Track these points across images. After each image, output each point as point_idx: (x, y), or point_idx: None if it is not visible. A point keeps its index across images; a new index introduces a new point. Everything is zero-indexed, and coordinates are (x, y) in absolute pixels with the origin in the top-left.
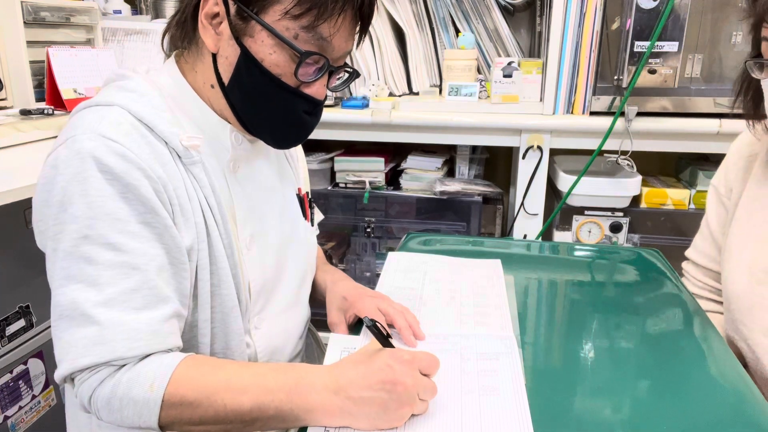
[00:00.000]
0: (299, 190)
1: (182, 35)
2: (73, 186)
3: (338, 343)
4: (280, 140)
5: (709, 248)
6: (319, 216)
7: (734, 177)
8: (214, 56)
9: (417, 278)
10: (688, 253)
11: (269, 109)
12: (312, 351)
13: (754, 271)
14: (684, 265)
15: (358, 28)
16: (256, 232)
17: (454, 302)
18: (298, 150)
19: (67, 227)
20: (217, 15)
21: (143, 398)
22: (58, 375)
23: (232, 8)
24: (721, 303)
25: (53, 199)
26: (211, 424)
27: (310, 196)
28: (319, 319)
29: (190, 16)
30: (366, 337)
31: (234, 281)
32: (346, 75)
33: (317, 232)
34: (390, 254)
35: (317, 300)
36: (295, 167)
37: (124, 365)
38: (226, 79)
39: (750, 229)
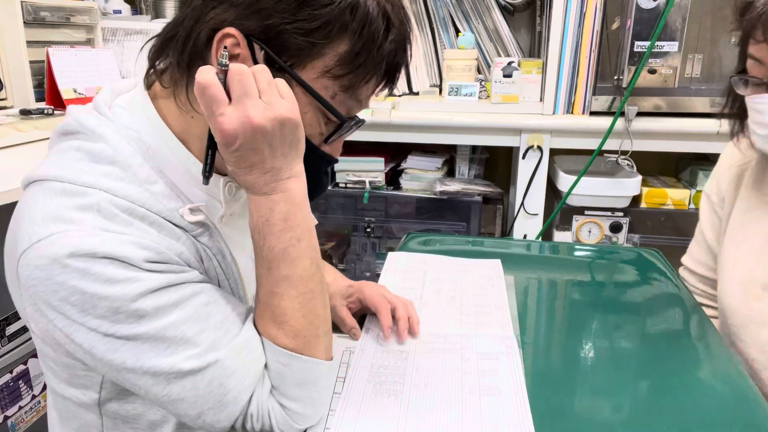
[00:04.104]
0: None
1: (182, 78)
2: (91, 287)
3: (340, 344)
4: None
5: (705, 256)
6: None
7: (726, 187)
8: None
9: (417, 278)
10: (684, 260)
11: None
12: None
13: (749, 286)
14: (680, 271)
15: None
16: None
17: (455, 302)
18: None
19: (95, 320)
20: (236, 57)
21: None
22: (221, 428)
23: (260, 55)
24: (717, 309)
25: (71, 298)
26: (317, 292)
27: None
28: None
29: (199, 54)
30: (367, 335)
31: None
32: (356, 127)
33: None
34: (390, 254)
35: None
36: None
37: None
38: None
39: (743, 241)
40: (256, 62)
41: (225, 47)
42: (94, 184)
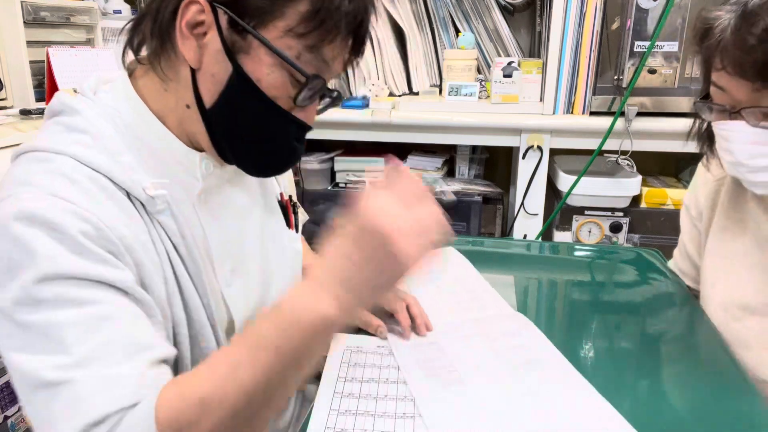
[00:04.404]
0: (281, 195)
1: (154, 47)
2: (17, 253)
3: (342, 342)
4: (264, 169)
5: (688, 267)
6: (303, 217)
7: (704, 202)
8: (193, 71)
9: None
10: (670, 264)
11: (260, 135)
12: None
13: (728, 308)
14: None
15: (352, 54)
16: (236, 265)
17: (443, 292)
18: None
19: (9, 293)
20: (201, 24)
21: None
22: None
23: (223, 19)
24: None
25: (0, 264)
26: (240, 418)
27: (293, 200)
28: None
29: (166, 23)
30: (391, 334)
31: (213, 331)
32: (330, 99)
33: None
34: None
35: None
36: None
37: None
38: (208, 100)
39: (721, 261)
40: (219, 27)
41: None
42: (62, 150)
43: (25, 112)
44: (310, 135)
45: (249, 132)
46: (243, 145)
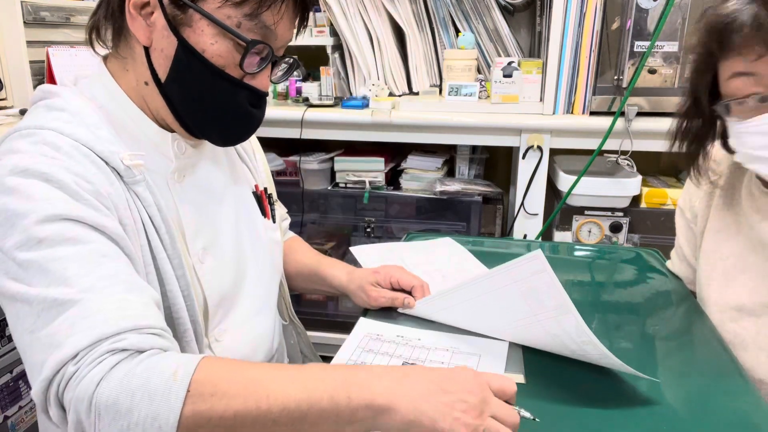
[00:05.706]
0: (256, 187)
1: (111, 30)
2: (15, 203)
3: (363, 327)
4: (227, 136)
5: (685, 270)
6: (281, 210)
7: (699, 204)
8: (147, 50)
9: (400, 265)
10: (668, 264)
11: (213, 103)
12: (295, 352)
13: (724, 309)
14: None
15: (298, 18)
16: (208, 243)
17: (447, 281)
18: (254, 145)
19: (10, 240)
20: (147, 4)
21: (163, 389)
22: (41, 380)
23: None
24: None
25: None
26: (248, 426)
27: (269, 192)
28: (315, 319)
29: (117, 7)
30: (391, 325)
31: (186, 303)
32: (287, 66)
33: (287, 227)
34: (352, 249)
35: (329, 293)
36: (252, 165)
37: (133, 354)
38: (162, 75)
39: (716, 262)
40: (162, 4)
41: None
42: (44, 125)
43: (25, 112)
44: (310, 135)
45: (202, 101)
46: (200, 115)
